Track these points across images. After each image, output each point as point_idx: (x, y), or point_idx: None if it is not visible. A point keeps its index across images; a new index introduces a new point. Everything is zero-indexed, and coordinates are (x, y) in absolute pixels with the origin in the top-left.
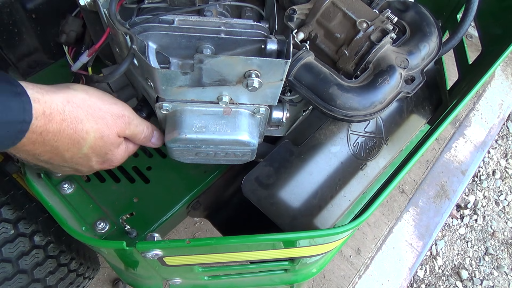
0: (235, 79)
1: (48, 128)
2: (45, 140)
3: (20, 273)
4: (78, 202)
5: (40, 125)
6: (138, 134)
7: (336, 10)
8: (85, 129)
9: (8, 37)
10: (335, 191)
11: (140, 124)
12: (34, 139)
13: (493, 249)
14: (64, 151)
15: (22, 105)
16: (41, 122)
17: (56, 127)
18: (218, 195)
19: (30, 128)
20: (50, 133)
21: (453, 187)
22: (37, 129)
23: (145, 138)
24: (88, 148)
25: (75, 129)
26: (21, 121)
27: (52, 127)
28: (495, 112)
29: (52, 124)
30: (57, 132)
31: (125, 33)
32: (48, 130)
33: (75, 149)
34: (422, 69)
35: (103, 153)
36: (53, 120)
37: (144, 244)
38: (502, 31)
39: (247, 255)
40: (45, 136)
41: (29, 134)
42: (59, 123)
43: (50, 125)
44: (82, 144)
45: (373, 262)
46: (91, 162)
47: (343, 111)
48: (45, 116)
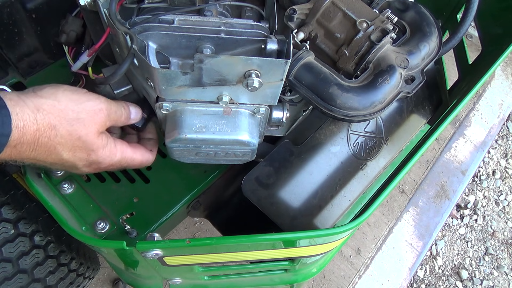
0: (235, 79)
1: (22, 140)
2: (21, 151)
3: (20, 273)
4: (78, 202)
5: (14, 139)
6: (118, 118)
7: (336, 10)
8: (59, 134)
9: (8, 37)
10: (335, 191)
11: (118, 108)
12: (9, 152)
13: (493, 249)
14: (44, 159)
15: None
16: (15, 135)
17: (30, 138)
18: (218, 195)
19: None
20: (25, 145)
21: (453, 187)
22: (11, 143)
23: (126, 118)
24: (68, 152)
25: (49, 137)
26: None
27: (26, 139)
28: (495, 112)
29: (27, 136)
30: (32, 142)
31: (125, 33)
32: (23, 142)
33: (54, 156)
34: (422, 69)
35: (86, 155)
36: (27, 132)
37: (144, 244)
38: (502, 31)
39: (247, 255)
40: (20, 149)
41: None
42: (33, 134)
43: (24, 138)
44: (60, 150)
45: (373, 262)
46: (77, 166)
47: (343, 111)
48: (18, 129)
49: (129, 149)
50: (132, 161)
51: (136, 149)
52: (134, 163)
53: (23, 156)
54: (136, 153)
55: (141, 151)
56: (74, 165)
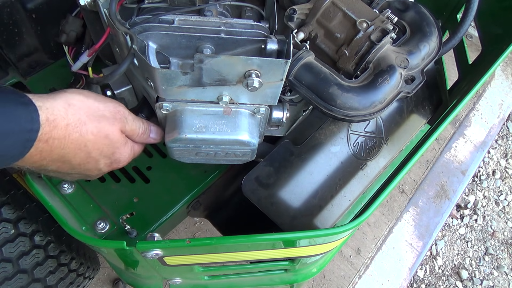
0: (235, 79)
1: (53, 134)
2: (52, 148)
3: (20, 272)
4: (78, 202)
5: (45, 132)
6: (135, 129)
7: (336, 10)
8: (89, 130)
9: (8, 37)
10: (335, 191)
11: (135, 119)
12: (41, 148)
13: (493, 249)
14: (72, 158)
15: (30, 114)
16: (47, 129)
17: (61, 133)
18: (218, 195)
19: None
20: (56, 140)
21: (453, 187)
22: (43, 137)
23: (143, 133)
24: (96, 150)
25: (80, 132)
26: (29, 130)
27: (57, 133)
28: (495, 112)
29: (57, 130)
30: (63, 137)
31: (125, 33)
32: (54, 137)
33: (83, 154)
34: (422, 69)
35: (110, 153)
36: (58, 125)
37: (144, 244)
38: (502, 31)
39: (247, 255)
40: (51, 144)
41: (36, 143)
42: (64, 128)
43: (55, 131)
44: (89, 147)
45: (373, 262)
46: (99, 165)
47: (343, 111)
48: (49, 123)
49: (135, 145)
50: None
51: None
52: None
53: (53, 153)
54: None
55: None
56: (98, 164)
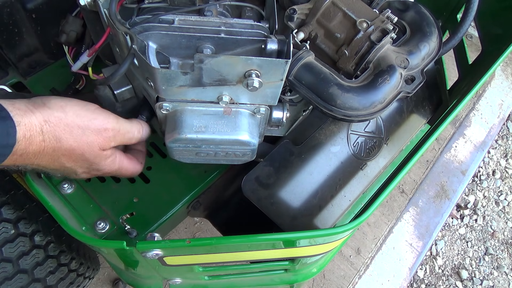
0: (235, 79)
1: (28, 150)
2: (26, 159)
3: (20, 272)
4: (78, 202)
5: (21, 148)
6: (128, 140)
7: (336, 10)
8: (63, 147)
9: (8, 37)
10: (335, 191)
11: (129, 130)
12: (15, 159)
13: (493, 249)
14: (47, 165)
15: (6, 129)
16: (22, 145)
17: (36, 148)
18: (218, 195)
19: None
20: (31, 154)
21: (453, 187)
22: (18, 152)
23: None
24: (71, 162)
25: (54, 148)
26: (4, 145)
27: (32, 149)
28: (495, 112)
29: (33, 146)
30: (37, 152)
31: (126, 33)
32: (29, 151)
33: (57, 164)
34: (422, 69)
35: (87, 165)
36: (33, 142)
37: (144, 244)
38: (502, 31)
39: (247, 255)
40: (25, 157)
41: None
42: (38, 144)
43: (30, 147)
44: (63, 160)
45: (373, 262)
46: (76, 172)
47: (343, 111)
48: (25, 139)
49: (125, 160)
50: (126, 171)
51: (131, 161)
52: (127, 173)
53: (27, 162)
54: (130, 165)
55: (134, 163)
56: (74, 172)
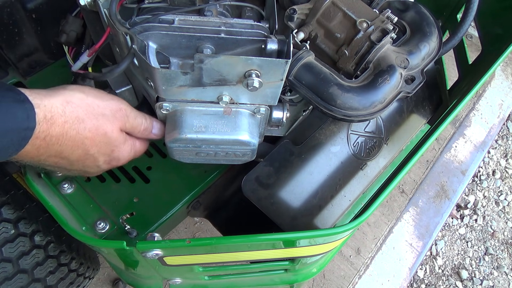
0: (235, 79)
1: (51, 132)
2: (49, 144)
3: (20, 272)
4: (78, 202)
5: (43, 130)
6: (137, 126)
7: (336, 10)
8: (87, 127)
9: (8, 37)
10: (335, 191)
11: (137, 116)
12: (38, 145)
13: (493, 249)
14: (69, 154)
15: (26, 112)
16: (44, 126)
17: (58, 130)
18: (218, 195)
19: (33, 134)
20: (54, 137)
21: (453, 187)
22: (40, 134)
23: (145, 129)
24: (94, 148)
25: (77, 130)
26: (25, 128)
27: (55, 131)
28: (495, 112)
29: (55, 128)
30: (60, 135)
31: (126, 33)
32: (52, 134)
33: (80, 151)
34: (422, 69)
35: (109, 151)
36: (55, 123)
37: (144, 244)
38: (502, 31)
39: (247, 255)
40: (48, 141)
41: (33, 140)
42: (61, 126)
43: (52, 129)
44: (87, 144)
45: (373, 262)
46: (98, 162)
47: (343, 111)
48: (46, 120)
49: (137, 143)
50: (140, 153)
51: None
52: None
53: (50, 150)
54: (142, 146)
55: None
56: (96, 161)
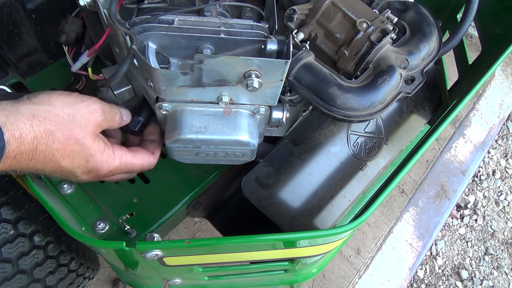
0: (235, 79)
1: (21, 150)
2: (20, 161)
3: (20, 273)
4: (78, 202)
5: (13, 149)
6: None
7: (336, 10)
8: (57, 139)
9: (8, 37)
10: (335, 191)
11: (111, 108)
12: (9, 164)
13: (493, 249)
14: (42, 168)
15: None
16: (14, 145)
17: (29, 147)
18: (218, 195)
19: (3, 155)
20: (24, 154)
21: (453, 187)
22: (10, 154)
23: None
24: (66, 159)
25: (47, 143)
26: None
27: (25, 148)
28: (495, 112)
29: (25, 145)
30: (31, 151)
31: (125, 33)
32: (22, 152)
33: (52, 164)
34: (422, 69)
35: (84, 161)
36: (25, 140)
37: (143, 245)
38: (502, 31)
39: (247, 255)
40: (19, 158)
41: (4, 160)
42: (31, 142)
43: (23, 147)
44: (58, 157)
45: (373, 262)
46: (76, 173)
47: (343, 111)
48: (15, 139)
49: (128, 153)
50: (133, 166)
51: (136, 153)
52: (135, 168)
53: (22, 165)
54: (136, 157)
55: (141, 155)
56: (73, 173)
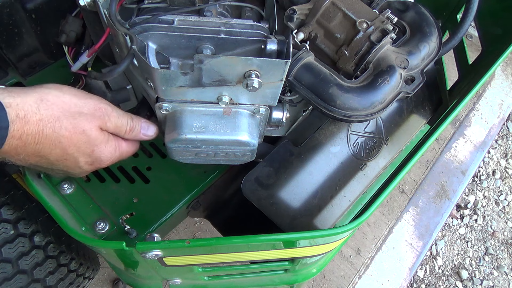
0: (235, 79)
1: (26, 130)
2: (26, 144)
3: (20, 273)
4: (78, 202)
5: (17, 128)
6: (121, 126)
7: (336, 10)
8: (63, 126)
9: (8, 37)
10: (335, 191)
11: (121, 115)
12: (15, 145)
13: (493, 249)
14: (47, 154)
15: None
16: (18, 125)
17: (34, 129)
18: (218, 195)
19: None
20: (30, 136)
21: (453, 187)
22: (15, 133)
23: (131, 129)
24: (72, 147)
25: (53, 128)
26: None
27: (30, 129)
28: (495, 112)
29: (30, 126)
30: (36, 133)
31: (125, 33)
32: (27, 133)
33: (58, 150)
34: (422, 69)
35: (89, 151)
36: (29, 121)
37: (143, 245)
38: (502, 31)
39: (247, 255)
40: (25, 140)
41: (9, 140)
42: (36, 124)
43: (27, 127)
44: (65, 143)
45: (373, 262)
46: (79, 163)
47: (343, 111)
48: (20, 119)
49: (124, 144)
50: (127, 154)
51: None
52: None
53: (28, 149)
54: (129, 147)
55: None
56: (77, 162)
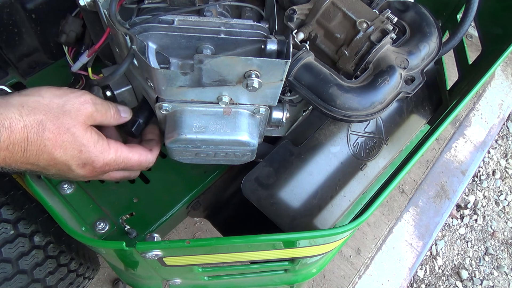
0: (235, 79)
1: (12, 139)
2: (13, 153)
3: (20, 273)
4: (78, 202)
5: (4, 139)
6: (106, 111)
7: (336, 10)
8: (47, 128)
9: (8, 37)
10: (335, 191)
11: (103, 103)
12: (3, 156)
13: (493, 249)
14: (36, 161)
15: None
16: (4, 135)
17: (20, 136)
18: (218, 195)
19: None
20: (16, 145)
21: (453, 187)
22: (3, 144)
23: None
24: (59, 150)
25: (37, 133)
26: None
27: (16, 138)
28: (495, 112)
29: (15, 134)
30: (22, 141)
31: (125, 33)
32: (14, 142)
33: (46, 155)
34: (422, 69)
35: (77, 151)
36: (15, 130)
37: (143, 245)
38: (502, 31)
39: (247, 255)
40: (12, 150)
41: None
42: (21, 132)
43: (13, 136)
44: (50, 147)
45: (373, 262)
46: (70, 167)
47: (343, 111)
48: (5, 128)
49: (124, 147)
50: (129, 160)
51: (133, 148)
52: (132, 162)
53: (16, 158)
54: (133, 152)
55: (138, 150)
56: (68, 166)
